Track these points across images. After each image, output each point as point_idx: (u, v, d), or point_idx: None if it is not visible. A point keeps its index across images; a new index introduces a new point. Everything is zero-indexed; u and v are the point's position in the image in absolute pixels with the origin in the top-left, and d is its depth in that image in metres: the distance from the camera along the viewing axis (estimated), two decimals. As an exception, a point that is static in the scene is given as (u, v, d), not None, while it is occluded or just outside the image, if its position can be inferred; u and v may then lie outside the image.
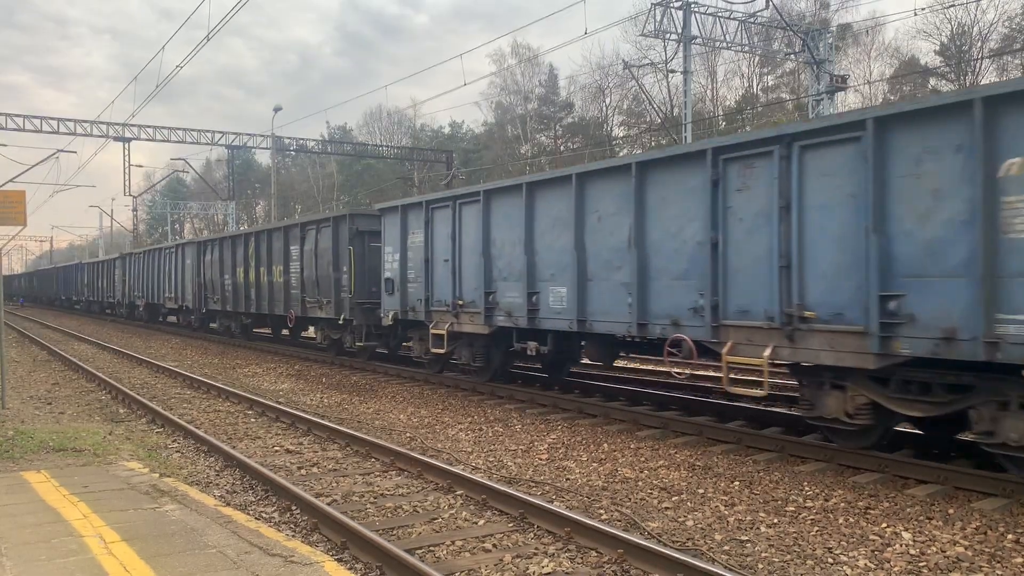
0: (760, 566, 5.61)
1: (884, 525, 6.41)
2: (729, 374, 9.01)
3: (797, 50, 33.02)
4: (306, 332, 23.95)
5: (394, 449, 8.89)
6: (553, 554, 5.86)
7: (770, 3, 30.06)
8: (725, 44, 30.99)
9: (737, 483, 7.76)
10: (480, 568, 5.60)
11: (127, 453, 9.15)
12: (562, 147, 59.98)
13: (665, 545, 5.89)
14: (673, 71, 37.78)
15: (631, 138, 55.64)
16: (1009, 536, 6.12)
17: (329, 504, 6.99)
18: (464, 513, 6.88)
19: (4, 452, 8.89)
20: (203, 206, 78.04)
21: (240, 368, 18.75)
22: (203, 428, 10.88)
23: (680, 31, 28.11)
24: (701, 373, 15.15)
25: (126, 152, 43.31)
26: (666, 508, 7.00)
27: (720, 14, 29.41)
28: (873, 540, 6.07)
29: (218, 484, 8.05)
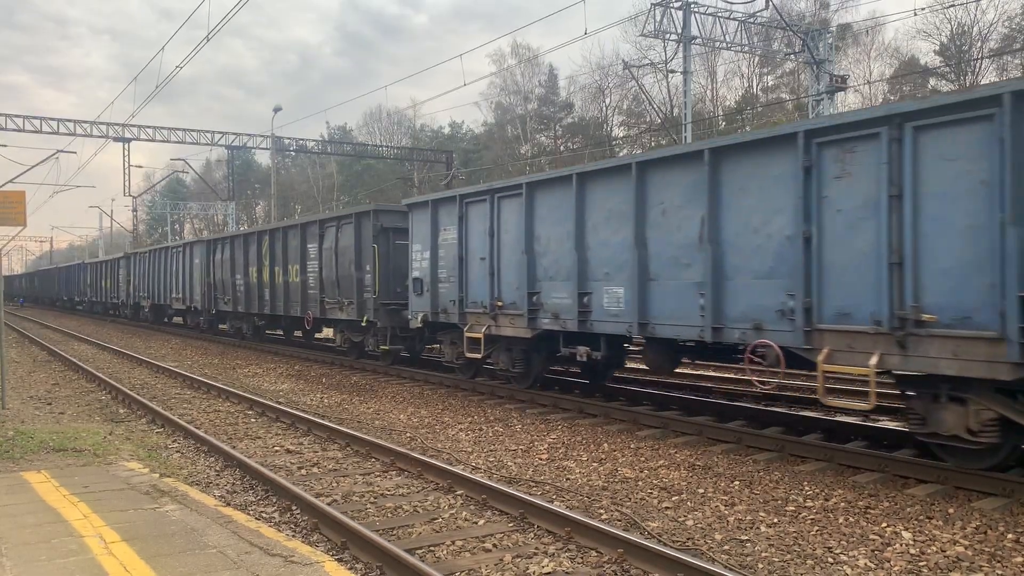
0: (760, 566, 5.61)
1: (884, 524, 6.41)
2: (825, 384, 8.04)
3: (797, 50, 33.00)
4: (319, 334, 23.29)
5: (394, 449, 8.89)
6: (553, 554, 5.86)
7: (770, 3, 30.07)
8: (725, 44, 31.00)
9: (737, 483, 7.76)
10: (480, 568, 5.60)
11: (127, 453, 9.15)
12: (562, 147, 59.98)
13: (665, 545, 5.89)
14: (673, 71, 37.83)
15: (631, 138, 55.64)
16: (1009, 536, 6.12)
17: (329, 504, 6.99)
18: (464, 513, 6.88)
19: (4, 452, 8.89)
20: (203, 206, 78.05)
21: (240, 368, 18.75)
22: (203, 428, 10.88)
23: (680, 31, 28.11)
24: (702, 373, 15.16)
25: (126, 152, 43.38)
26: (666, 508, 7.00)
27: (720, 14, 29.41)
28: (873, 540, 6.07)
29: (218, 484, 8.05)
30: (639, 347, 11.55)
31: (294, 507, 7.04)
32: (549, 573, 5.49)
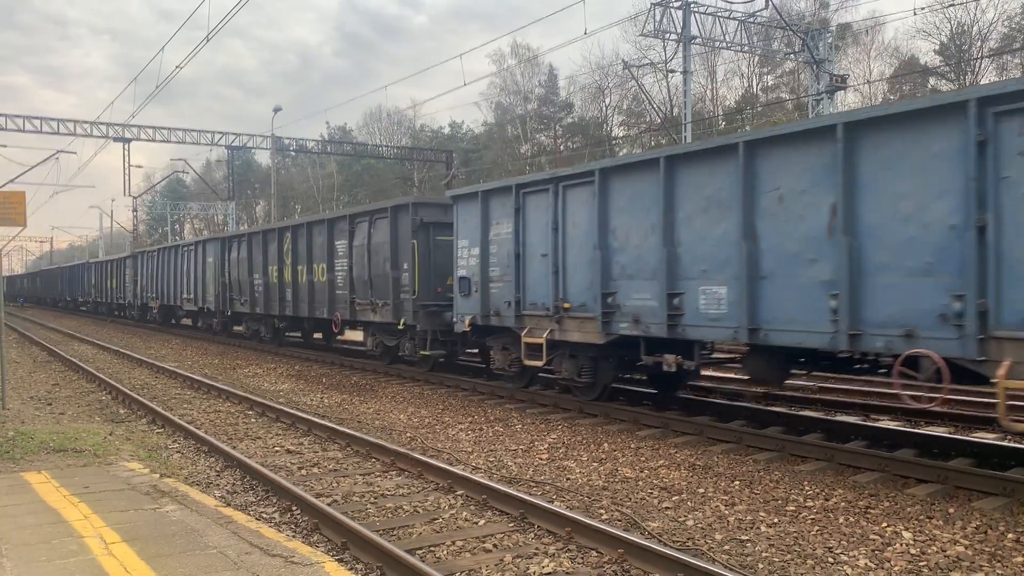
0: (760, 566, 5.61)
1: (884, 524, 6.41)
2: (1006, 402, 6.77)
3: (797, 50, 33.03)
4: (341, 336, 22.14)
5: (394, 449, 8.89)
6: (554, 554, 5.86)
7: (770, 3, 30.10)
8: (725, 44, 31.02)
9: (737, 483, 7.76)
10: (480, 568, 5.60)
11: (127, 454, 9.15)
12: (562, 147, 59.99)
13: (665, 545, 5.89)
14: (673, 71, 37.85)
15: (631, 138, 55.65)
16: (1009, 535, 6.12)
17: (329, 504, 6.99)
18: (464, 513, 6.88)
19: (4, 453, 8.89)
20: (203, 206, 78.12)
21: (240, 368, 18.76)
22: (203, 428, 10.88)
23: (680, 31, 28.12)
24: (703, 372, 15.15)
25: (126, 153, 43.28)
26: (666, 508, 7.00)
27: (720, 14, 29.43)
28: (873, 539, 6.07)
29: (219, 484, 8.05)
30: (728, 355, 10.61)
31: (294, 507, 7.04)
32: (549, 573, 5.49)
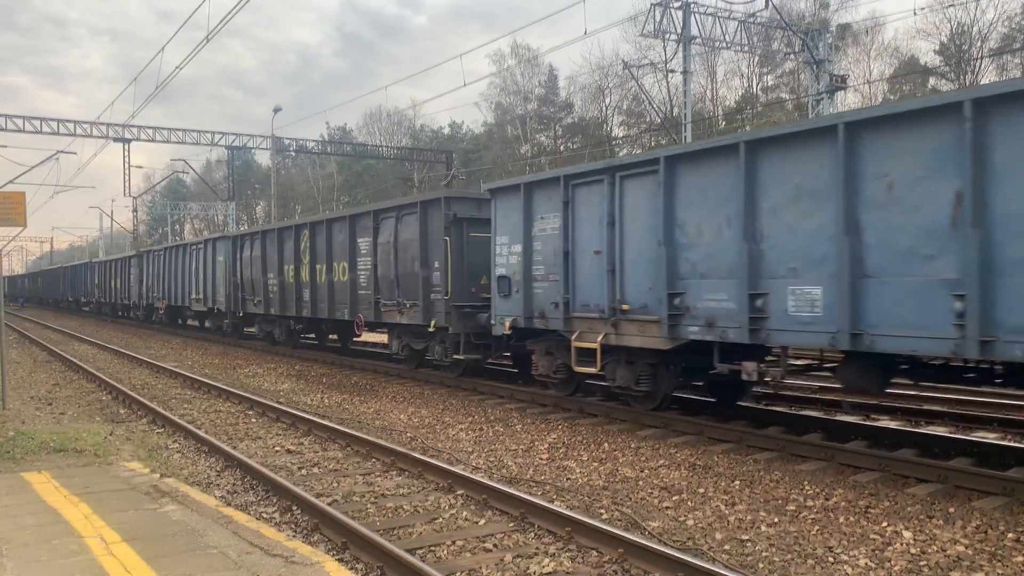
0: (761, 565, 5.61)
1: (885, 524, 6.41)
2: None
3: (797, 50, 33.01)
4: (357, 337, 21.10)
5: (395, 449, 8.89)
6: (554, 554, 5.86)
7: (770, 3, 30.09)
8: (725, 44, 30.99)
9: (738, 482, 7.76)
10: (481, 568, 5.61)
11: (128, 453, 9.15)
12: (562, 147, 60.00)
13: (666, 544, 5.89)
14: (673, 71, 37.82)
15: (631, 138, 55.66)
16: (1010, 535, 6.12)
17: (330, 504, 7.00)
18: (465, 513, 6.88)
19: (5, 453, 8.90)
20: (203, 207, 78.08)
21: (240, 368, 18.76)
22: (204, 428, 10.88)
23: (680, 31, 28.12)
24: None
25: (126, 153, 43.36)
26: (667, 507, 7.00)
27: (720, 14, 29.42)
28: (874, 539, 6.07)
29: (219, 484, 8.05)
30: (811, 361, 9.81)
31: (295, 507, 7.05)
32: (550, 573, 5.50)
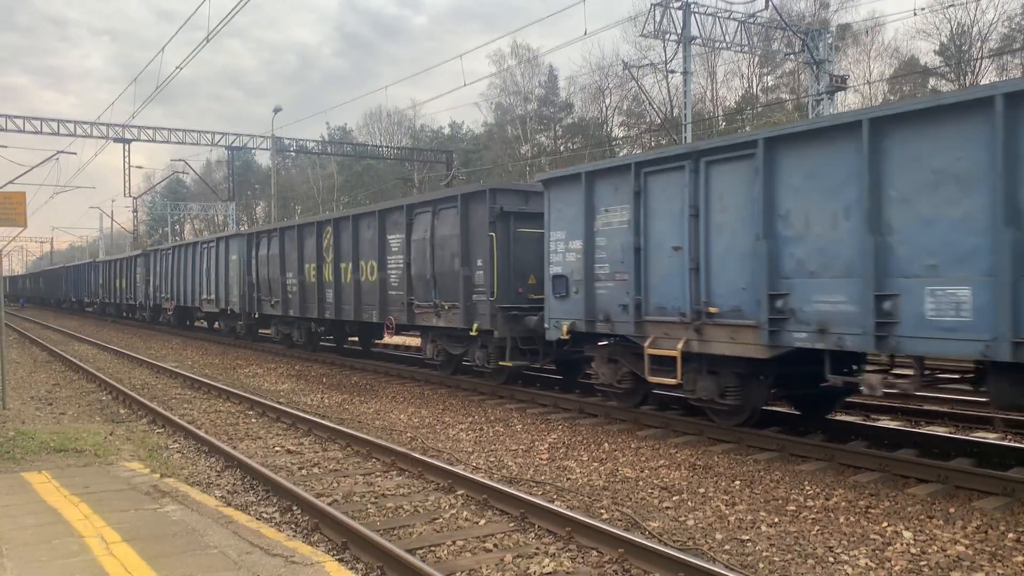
0: (761, 565, 5.61)
1: (885, 524, 6.41)
2: None
3: (797, 50, 33.00)
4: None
5: (395, 449, 8.89)
6: (554, 554, 5.86)
7: (770, 3, 30.08)
8: (725, 44, 30.98)
9: (738, 482, 7.76)
10: (481, 568, 5.61)
11: (128, 454, 9.16)
12: (562, 148, 60.01)
13: (666, 544, 5.89)
14: (673, 71, 37.77)
15: (631, 138, 55.66)
16: (1010, 535, 6.12)
17: (330, 504, 7.00)
18: (465, 513, 6.88)
19: (5, 453, 8.90)
20: (203, 207, 78.07)
21: (241, 368, 18.76)
22: (204, 428, 10.88)
23: (680, 31, 28.11)
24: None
25: (126, 153, 43.35)
26: (667, 507, 7.00)
27: (720, 14, 29.41)
28: (874, 539, 6.07)
29: (219, 484, 8.06)
30: (948, 373, 8.67)
31: (295, 507, 7.05)
32: (550, 573, 5.50)
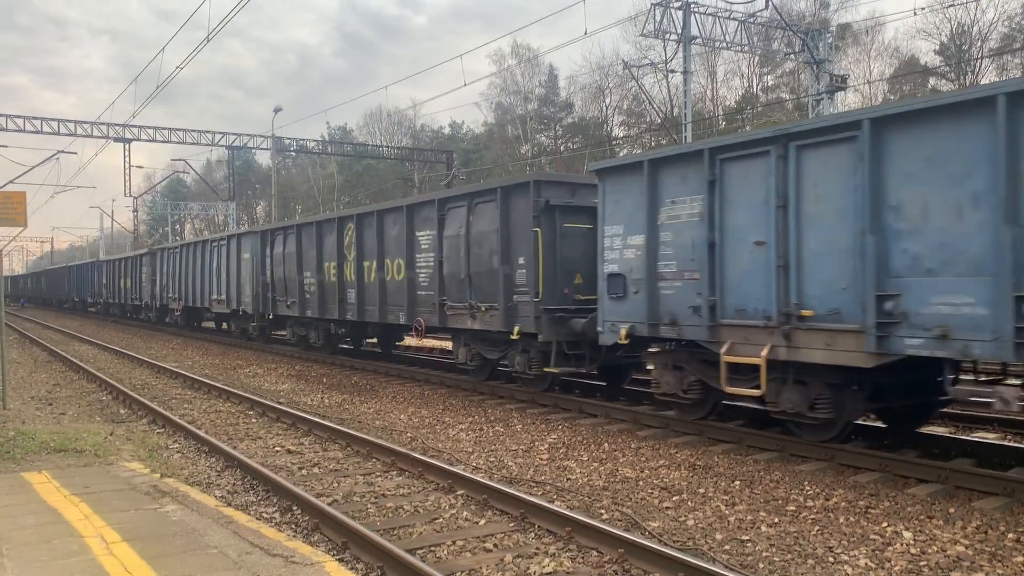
0: (761, 565, 5.61)
1: (885, 524, 6.41)
2: None
3: (797, 50, 33.01)
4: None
5: (395, 449, 8.89)
6: (554, 554, 5.86)
7: (770, 3, 30.09)
8: (725, 44, 31.00)
9: (738, 483, 7.76)
10: (481, 568, 5.61)
11: (128, 454, 9.16)
12: (562, 147, 60.01)
13: (666, 545, 5.89)
14: (673, 71, 37.76)
15: (631, 138, 55.66)
16: (1010, 535, 6.12)
17: (330, 504, 7.00)
18: (465, 513, 6.89)
19: (5, 453, 8.90)
20: (203, 207, 78.08)
21: (241, 369, 18.76)
22: (204, 429, 10.88)
23: (680, 31, 28.11)
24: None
25: (126, 153, 43.40)
26: (667, 508, 7.00)
27: (720, 14, 29.43)
28: (874, 539, 6.07)
29: (219, 484, 8.06)
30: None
31: (295, 507, 7.05)
32: (550, 573, 5.50)
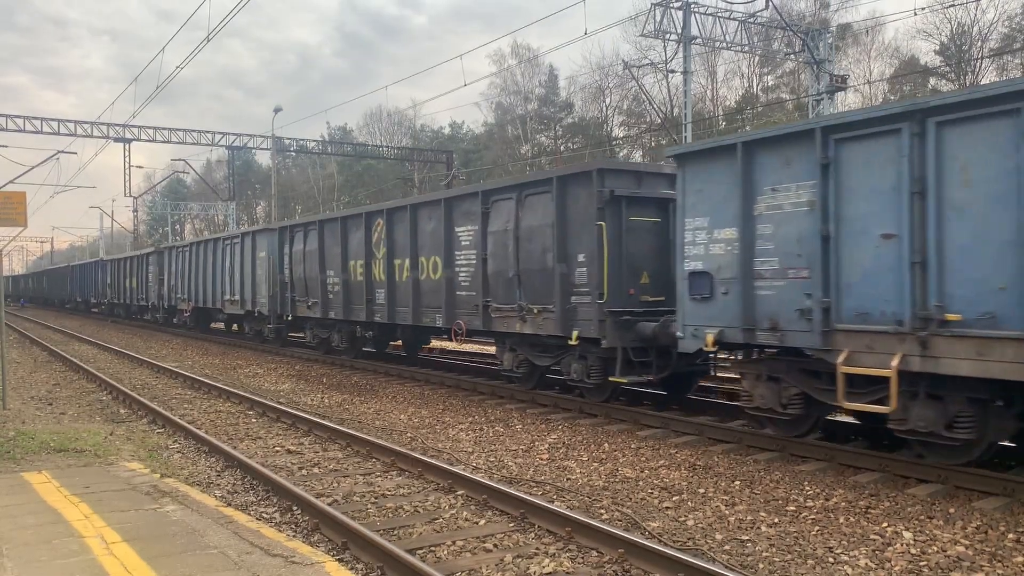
0: (761, 566, 5.61)
1: (885, 524, 6.41)
2: None
3: (797, 50, 33.02)
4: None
5: (395, 449, 8.90)
6: (554, 554, 5.86)
7: (770, 3, 30.07)
8: (725, 44, 30.99)
9: (738, 483, 7.76)
10: (481, 568, 5.61)
11: (128, 454, 9.16)
12: (562, 147, 60.01)
13: (666, 545, 5.89)
14: (673, 71, 37.75)
15: (631, 138, 55.66)
16: (1010, 535, 6.12)
17: (330, 504, 7.00)
18: (465, 513, 6.89)
19: (5, 453, 8.90)
20: (203, 207, 78.11)
21: (241, 369, 18.76)
22: (204, 429, 10.88)
23: (680, 31, 28.11)
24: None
25: (126, 153, 43.36)
26: (667, 508, 7.00)
27: (720, 14, 29.42)
28: (874, 539, 6.07)
29: (219, 484, 8.06)
30: None
31: (295, 507, 7.05)
32: (550, 573, 5.50)
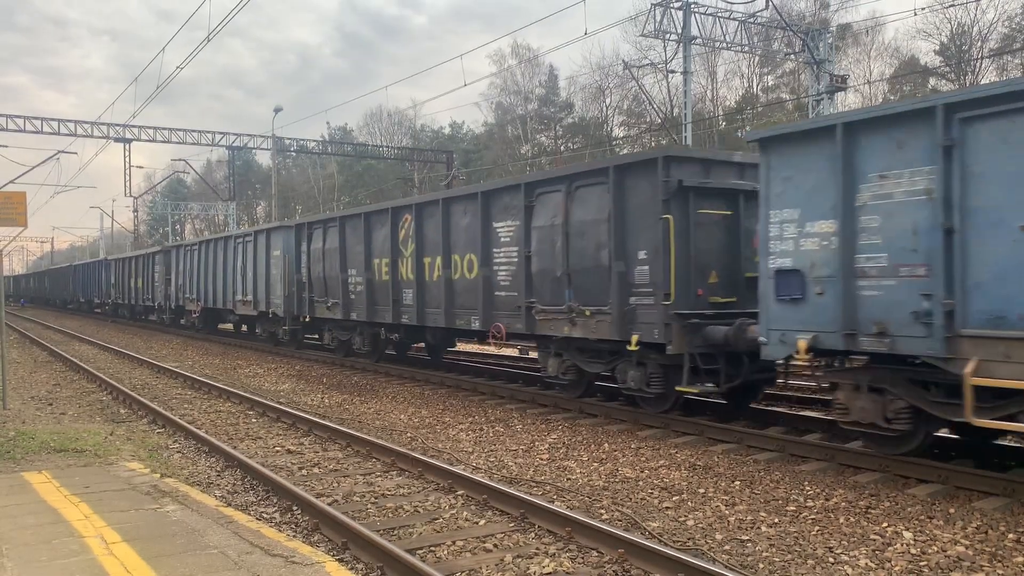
0: (761, 566, 5.61)
1: (885, 524, 6.41)
2: None
3: (797, 50, 33.03)
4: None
5: (395, 449, 8.90)
6: (554, 554, 5.86)
7: (770, 3, 30.07)
8: (725, 44, 30.99)
9: (738, 483, 7.76)
10: (481, 568, 5.61)
11: (128, 454, 9.16)
12: (562, 147, 60.01)
13: (666, 545, 5.89)
14: (673, 71, 37.75)
15: (631, 138, 55.66)
16: (1010, 535, 6.12)
17: (330, 504, 7.00)
18: (465, 513, 6.89)
19: (5, 453, 8.91)
20: (204, 207, 78.10)
21: (241, 369, 18.76)
22: (204, 429, 10.88)
23: (680, 31, 28.11)
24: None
25: (126, 153, 43.39)
26: (667, 508, 7.00)
27: (720, 14, 29.42)
28: (874, 539, 6.07)
29: (219, 484, 8.06)
30: None
31: (295, 507, 7.05)
32: (550, 573, 5.50)
